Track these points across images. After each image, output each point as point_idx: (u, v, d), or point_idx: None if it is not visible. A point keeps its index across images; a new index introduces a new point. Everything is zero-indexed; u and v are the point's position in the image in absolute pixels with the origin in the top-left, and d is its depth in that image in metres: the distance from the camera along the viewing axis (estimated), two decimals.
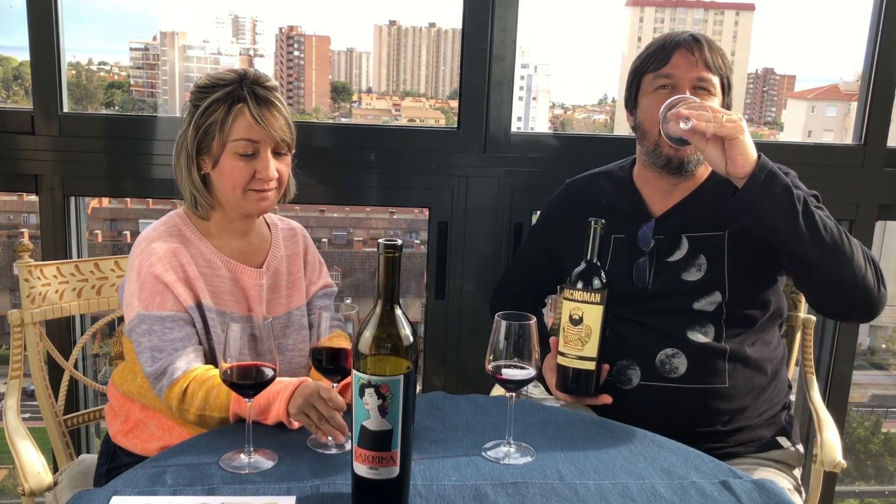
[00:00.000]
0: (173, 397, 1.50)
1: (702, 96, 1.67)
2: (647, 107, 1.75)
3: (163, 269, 1.56)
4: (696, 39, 1.72)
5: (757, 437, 1.78)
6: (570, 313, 1.56)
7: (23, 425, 1.68)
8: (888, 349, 6.74)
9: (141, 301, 1.55)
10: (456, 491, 1.24)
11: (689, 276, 1.72)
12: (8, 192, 2.50)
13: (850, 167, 2.41)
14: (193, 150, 1.60)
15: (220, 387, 1.47)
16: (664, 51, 1.72)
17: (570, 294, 1.56)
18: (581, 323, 1.55)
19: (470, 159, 2.32)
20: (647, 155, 1.77)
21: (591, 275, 1.55)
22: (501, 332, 1.33)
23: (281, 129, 1.59)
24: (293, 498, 1.20)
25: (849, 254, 1.55)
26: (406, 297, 4.06)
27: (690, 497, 1.26)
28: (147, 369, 1.54)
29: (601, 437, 1.46)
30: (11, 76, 5.10)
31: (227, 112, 1.57)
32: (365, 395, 1.12)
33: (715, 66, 1.71)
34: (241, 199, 1.61)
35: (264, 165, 1.59)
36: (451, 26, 7.99)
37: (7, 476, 4.95)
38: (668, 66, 1.71)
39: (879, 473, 5.45)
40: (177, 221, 1.66)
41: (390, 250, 1.11)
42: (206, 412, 1.48)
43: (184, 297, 1.57)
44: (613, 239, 1.79)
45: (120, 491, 1.21)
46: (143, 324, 1.54)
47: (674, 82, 1.70)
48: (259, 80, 1.60)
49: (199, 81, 1.63)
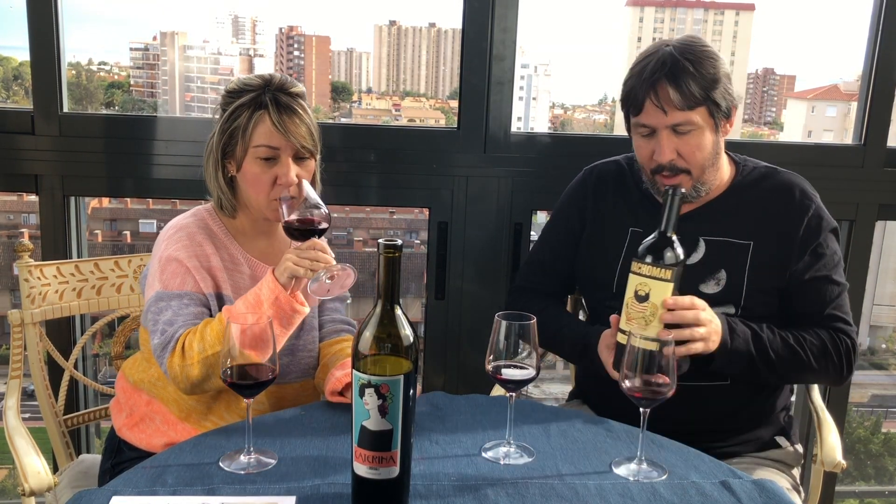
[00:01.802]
0: (175, 362, 1.50)
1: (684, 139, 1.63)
2: (636, 144, 1.72)
3: (186, 255, 1.60)
4: (662, 81, 1.60)
5: (756, 437, 1.78)
6: (635, 289, 1.45)
7: (23, 425, 1.67)
8: (888, 349, 6.74)
9: (161, 282, 1.58)
10: (456, 491, 1.24)
11: (706, 289, 1.69)
12: (8, 192, 2.50)
13: (850, 167, 2.41)
14: (219, 153, 1.65)
15: (210, 323, 1.49)
16: (636, 93, 1.64)
17: (637, 267, 1.45)
18: (647, 300, 1.44)
19: (470, 159, 2.31)
20: (647, 183, 1.75)
21: (663, 248, 1.44)
22: (501, 333, 1.32)
23: (301, 137, 1.61)
24: (293, 498, 1.20)
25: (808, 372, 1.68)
26: (406, 297, 4.05)
27: (690, 497, 1.26)
28: (155, 342, 1.55)
29: (601, 437, 1.46)
30: (11, 76, 5.10)
31: (249, 118, 1.60)
32: (365, 395, 1.12)
33: (691, 101, 1.60)
34: (265, 208, 1.64)
35: (285, 171, 1.61)
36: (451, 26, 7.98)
37: (7, 476, 4.95)
38: (643, 116, 1.65)
39: (879, 473, 5.45)
40: (205, 216, 1.70)
41: (390, 250, 1.11)
42: (208, 352, 1.47)
43: (204, 283, 1.60)
44: (631, 232, 1.78)
45: (120, 491, 1.21)
46: (161, 301, 1.57)
47: (652, 130, 1.66)
48: (284, 87, 1.63)
49: (228, 86, 1.67)
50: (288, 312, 1.50)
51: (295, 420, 1.48)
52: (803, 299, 1.70)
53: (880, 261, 1.65)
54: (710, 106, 1.63)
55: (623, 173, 1.85)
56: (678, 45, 1.64)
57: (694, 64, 1.61)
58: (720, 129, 1.67)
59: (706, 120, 1.64)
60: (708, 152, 1.66)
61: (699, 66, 1.61)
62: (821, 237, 1.70)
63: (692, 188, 1.69)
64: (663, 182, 1.69)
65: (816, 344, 1.66)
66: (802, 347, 1.65)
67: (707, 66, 1.62)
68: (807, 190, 1.74)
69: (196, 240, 1.63)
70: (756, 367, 1.62)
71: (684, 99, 1.60)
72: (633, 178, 1.83)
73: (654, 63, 1.63)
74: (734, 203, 1.74)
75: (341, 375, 1.55)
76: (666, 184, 1.68)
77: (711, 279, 1.70)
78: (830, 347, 1.66)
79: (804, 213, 1.70)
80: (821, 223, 1.70)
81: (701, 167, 1.67)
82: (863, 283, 2.46)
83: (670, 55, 1.62)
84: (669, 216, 1.46)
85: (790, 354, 1.64)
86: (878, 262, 2.55)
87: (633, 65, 1.69)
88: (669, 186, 1.49)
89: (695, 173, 1.67)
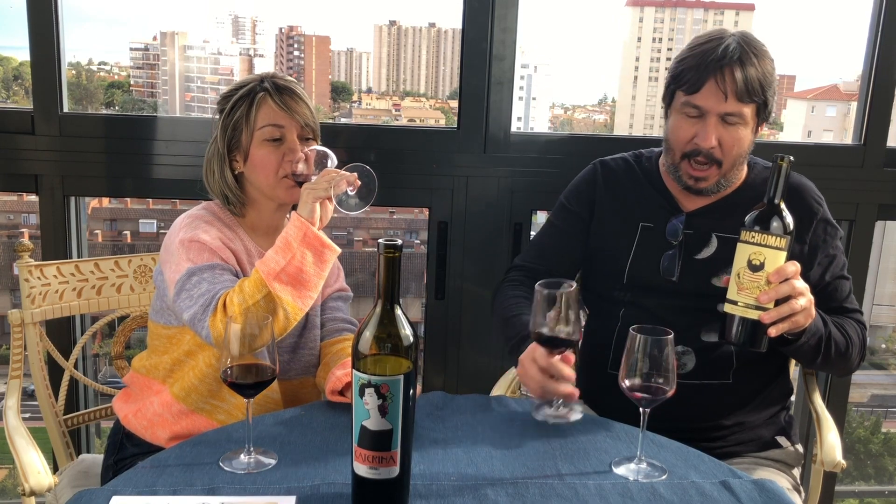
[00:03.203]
0: (218, 319, 1.47)
1: (730, 129, 1.64)
2: (675, 125, 1.70)
3: (209, 237, 1.60)
4: (732, 66, 1.60)
5: (756, 437, 1.78)
6: (749, 258, 1.42)
7: (23, 425, 1.67)
8: (888, 349, 6.74)
9: (189, 260, 1.57)
10: (456, 491, 1.24)
11: (719, 283, 1.68)
12: (8, 192, 2.50)
13: (850, 167, 2.41)
14: (225, 149, 1.67)
15: (246, 278, 1.51)
16: (698, 73, 1.63)
17: (750, 236, 1.42)
18: (762, 269, 1.41)
19: (470, 159, 2.31)
20: (668, 168, 1.75)
21: (775, 216, 1.42)
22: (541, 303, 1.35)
23: (304, 114, 1.66)
24: (293, 498, 1.20)
25: (846, 359, 1.69)
26: (406, 297, 4.05)
27: (690, 497, 1.26)
28: (193, 311, 1.51)
29: (601, 437, 1.46)
30: (11, 76, 5.10)
31: (251, 104, 1.64)
32: (365, 395, 1.12)
33: (752, 94, 1.62)
34: (275, 188, 1.66)
35: (292, 147, 1.65)
36: (451, 26, 7.98)
37: (7, 476, 4.95)
38: (698, 96, 1.63)
39: (879, 473, 5.45)
40: (215, 209, 1.71)
41: (390, 250, 1.11)
42: (248, 302, 1.46)
43: (230, 260, 1.61)
44: (641, 227, 1.78)
45: (120, 491, 1.21)
46: (194, 276, 1.55)
47: (702, 112, 1.65)
48: (279, 76, 1.69)
49: (222, 93, 1.71)
50: (318, 248, 1.51)
51: (295, 420, 1.48)
52: (823, 298, 1.70)
53: (880, 261, 1.65)
54: (761, 105, 1.65)
55: (631, 169, 1.86)
56: (741, 36, 1.65)
57: (759, 58, 1.63)
58: (757, 131, 1.70)
59: (752, 117, 1.66)
60: (744, 149, 1.69)
61: (763, 61, 1.64)
62: (832, 240, 1.74)
63: (716, 182, 1.70)
64: (689, 170, 1.69)
65: (850, 332, 1.69)
66: (847, 333, 1.68)
67: (767, 64, 1.65)
68: (815, 192, 1.77)
69: (214, 225, 1.65)
70: (820, 348, 1.61)
71: (747, 89, 1.61)
72: (642, 174, 1.83)
73: (723, 47, 1.62)
74: (746, 200, 1.74)
75: (342, 375, 1.55)
76: (693, 174, 1.69)
77: (725, 273, 1.71)
78: (855, 336, 1.70)
79: (814, 216, 1.73)
80: (827, 227, 1.74)
81: (733, 162, 1.69)
82: (863, 283, 2.46)
83: (738, 44, 1.62)
84: (778, 183, 1.44)
85: (841, 338, 1.66)
86: (878, 262, 2.55)
87: (691, 45, 1.68)
88: (778, 154, 1.46)
89: (725, 167, 1.68)
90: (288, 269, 1.47)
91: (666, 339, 1.28)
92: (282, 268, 1.47)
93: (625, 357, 1.30)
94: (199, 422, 1.64)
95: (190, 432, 1.60)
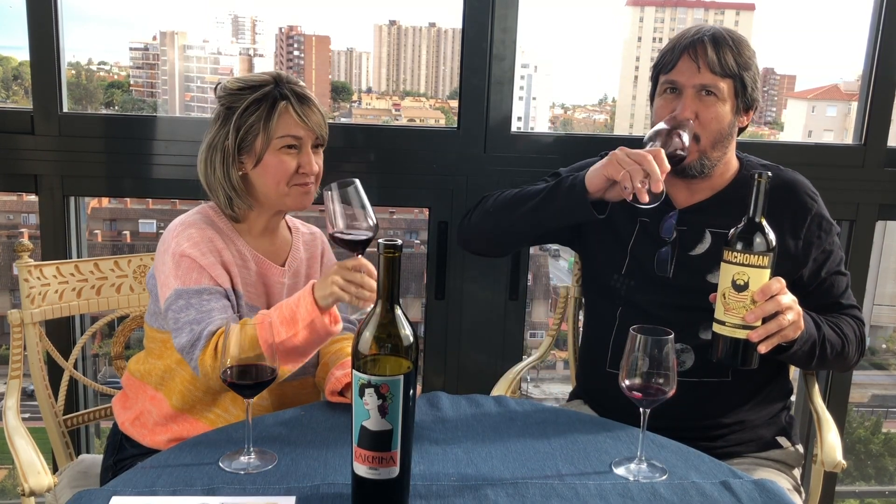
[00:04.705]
0: (207, 358, 1.49)
1: (706, 103, 1.67)
2: (656, 106, 1.75)
3: (200, 252, 1.59)
4: (703, 41, 1.68)
5: (757, 437, 1.78)
6: (733, 278, 1.42)
7: (23, 425, 1.67)
8: (888, 349, 6.73)
9: (178, 278, 1.57)
10: (456, 491, 1.24)
11: (714, 279, 1.67)
12: (8, 192, 2.50)
13: (850, 167, 2.41)
14: (234, 150, 1.65)
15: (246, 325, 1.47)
16: (673, 53, 1.71)
17: (732, 256, 1.42)
18: (746, 289, 1.42)
19: (470, 159, 2.31)
20: None
21: (755, 234, 1.42)
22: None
23: (319, 126, 1.67)
24: (293, 498, 1.20)
25: (843, 358, 1.70)
26: (406, 297, 4.05)
27: (690, 497, 1.26)
28: (182, 341, 1.53)
29: (601, 437, 1.46)
30: (11, 76, 5.10)
31: (271, 109, 1.62)
32: (365, 395, 1.12)
33: (725, 68, 1.67)
34: (285, 195, 1.66)
35: (307, 160, 1.65)
36: (451, 26, 7.97)
37: (7, 476, 4.95)
38: (674, 72, 1.69)
39: (879, 473, 5.45)
40: (210, 213, 1.70)
41: (390, 250, 1.11)
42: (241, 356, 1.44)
43: (221, 278, 1.60)
44: (640, 222, 1.79)
45: (120, 491, 1.21)
46: (181, 299, 1.55)
47: (678, 87, 1.70)
48: (293, 81, 1.68)
49: (228, 85, 1.67)
50: (322, 336, 1.49)
51: (295, 420, 1.48)
52: (819, 294, 1.72)
53: (880, 261, 1.65)
54: (738, 83, 1.69)
55: None
56: (721, 27, 1.72)
57: (735, 43, 1.70)
58: (738, 114, 1.72)
59: (730, 94, 1.69)
60: (723, 126, 1.70)
61: (739, 46, 1.70)
62: (827, 236, 1.74)
63: (698, 160, 1.70)
64: None
65: (846, 330, 1.70)
66: (843, 332, 1.69)
67: (745, 50, 1.71)
68: (809, 188, 1.76)
69: (206, 235, 1.63)
70: (814, 352, 1.62)
71: (719, 62, 1.67)
72: None
73: (697, 29, 1.71)
74: (740, 196, 1.74)
75: (341, 375, 1.55)
76: None
77: (717, 270, 1.71)
78: (851, 334, 1.71)
79: (807, 212, 1.73)
80: (822, 222, 1.74)
81: (712, 139, 1.69)
82: (863, 283, 2.46)
83: (714, 28, 1.71)
84: (757, 201, 1.44)
85: (836, 337, 1.67)
86: (878, 262, 2.55)
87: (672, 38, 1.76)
88: (755, 171, 1.46)
89: (704, 142, 1.69)
90: (286, 343, 1.46)
91: (666, 339, 1.29)
92: (280, 341, 1.45)
93: (625, 357, 1.30)
94: (197, 426, 1.64)
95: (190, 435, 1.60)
